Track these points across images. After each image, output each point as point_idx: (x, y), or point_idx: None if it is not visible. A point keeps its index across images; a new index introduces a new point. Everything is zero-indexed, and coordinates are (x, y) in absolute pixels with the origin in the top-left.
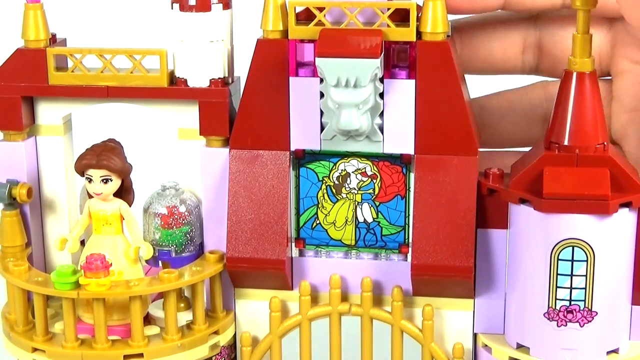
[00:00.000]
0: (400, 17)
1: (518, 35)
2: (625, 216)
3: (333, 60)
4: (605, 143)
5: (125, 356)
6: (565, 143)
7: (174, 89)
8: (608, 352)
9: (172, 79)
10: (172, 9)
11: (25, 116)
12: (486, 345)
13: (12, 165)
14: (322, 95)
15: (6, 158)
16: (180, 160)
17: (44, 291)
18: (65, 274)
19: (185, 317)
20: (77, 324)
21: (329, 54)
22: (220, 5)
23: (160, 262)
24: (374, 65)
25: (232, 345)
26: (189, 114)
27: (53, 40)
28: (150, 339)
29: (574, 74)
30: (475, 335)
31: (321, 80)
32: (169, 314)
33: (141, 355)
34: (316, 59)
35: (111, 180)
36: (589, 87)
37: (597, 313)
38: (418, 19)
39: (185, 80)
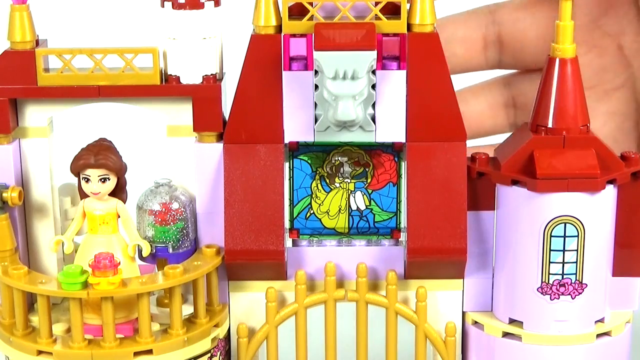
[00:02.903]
0: (389, 10)
1: (478, 33)
2: (610, 192)
3: (331, 53)
4: (588, 124)
5: (135, 353)
6: (551, 126)
7: (168, 87)
8: (595, 322)
9: (164, 76)
10: (162, 7)
11: (12, 119)
12: (476, 322)
13: (0, 168)
14: (315, 87)
15: None
16: (169, 157)
17: (51, 293)
18: (73, 274)
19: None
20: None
21: (327, 48)
22: (212, 2)
23: (156, 258)
24: (371, 57)
25: (227, 338)
26: (178, 111)
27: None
28: (155, 335)
29: (557, 60)
30: (463, 314)
31: (315, 73)
32: (175, 309)
33: (150, 351)
34: (315, 52)
35: (109, 179)
36: (571, 72)
37: (586, 285)
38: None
39: (178, 78)
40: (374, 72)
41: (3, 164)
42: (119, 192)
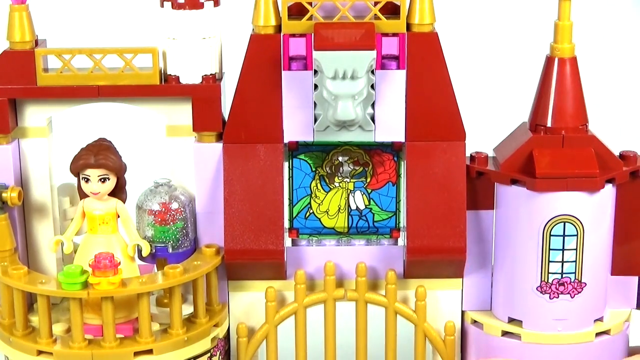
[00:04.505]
0: (388, 9)
1: None
2: (609, 191)
3: (331, 53)
4: (586, 124)
5: (135, 353)
6: (550, 125)
7: (167, 87)
8: (594, 321)
9: (163, 76)
10: (162, 7)
11: (11, 119)
12: (475, 322)
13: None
14: (315, 87)
15: None
16: (168, 156)
17: (51, 293)
18: (73, 274)
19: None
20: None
21: (327, 47)
22: (212, 2)
23: (156, 258)
24: (371, 57)
25: (226, 337)
26: (178, 111)
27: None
28: (156, 335)
29: (556, 60)
30: (462, 313)
31: (315, 73)
32: (175, 309)
33: (150, 351)
34: (314, 52)
35: (109, 179)
36: (570, 71)
37: (586, 284)
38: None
39: (177, 78)
40: (373, 71)
41: (2, 164)
42: (118, 192)
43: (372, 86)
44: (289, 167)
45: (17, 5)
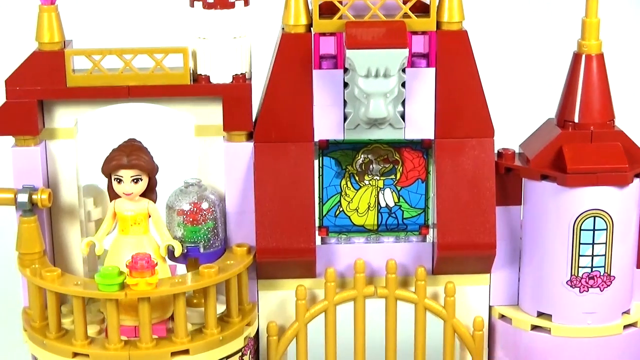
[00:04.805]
0: (418, 8)
1: None
2: (636, 185)
3: (364, 51)
4: (613, 119)
5: (171, 353)
6: (578, 121)
7: (198, 86)
8: (622, 313)
9: (194, 76)
10: (192, 6)
11: (39, 120)
12: (503, 316)
13: (28, 170)
14: (345, 85)
15: (21, 163)
16: (197, 156)
17: (88, 294)
18: (110, 275)
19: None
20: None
21: (360, 46)
22: (242, 1)
23: (187, 258)
24: (403, 55)
25: (256, 336)
26: (207, 111)
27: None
28: (191, 335)
29: (583, 56)
30: (490, 308)
31: (345, 71)
32: (209, 308)
33: (187, 351)
34: (347, 50)
35: (141, 180)
36: (597, 68)
37: (614, 277)
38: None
39: (208, 77)
40: (404, 70)
41: (31, 165)
42: (149, 192)
43: (403, 84)
44: (319, 165)
45: (46, 6)
